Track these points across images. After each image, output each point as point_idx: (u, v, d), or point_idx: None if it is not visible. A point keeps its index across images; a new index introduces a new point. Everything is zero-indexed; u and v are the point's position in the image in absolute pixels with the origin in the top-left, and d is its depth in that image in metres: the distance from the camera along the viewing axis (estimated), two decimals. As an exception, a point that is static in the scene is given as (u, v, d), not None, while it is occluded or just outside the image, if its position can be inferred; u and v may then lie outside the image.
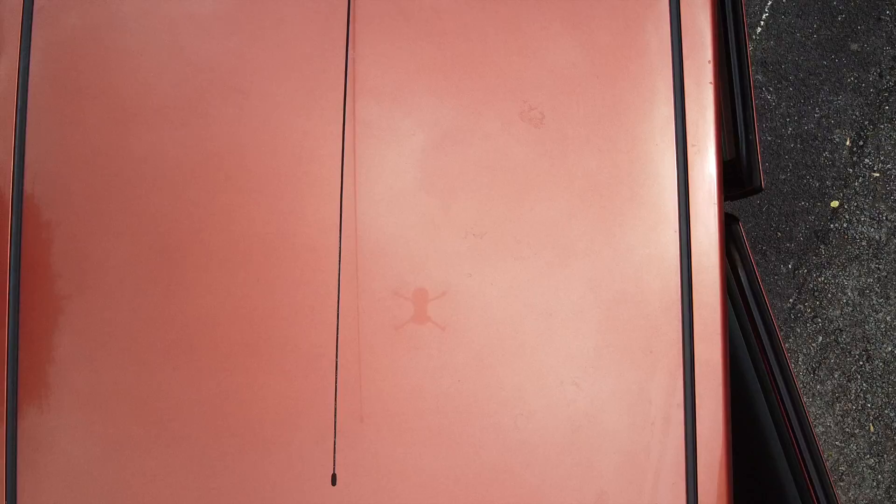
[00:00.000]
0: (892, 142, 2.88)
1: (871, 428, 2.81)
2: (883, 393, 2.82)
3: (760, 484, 1.51)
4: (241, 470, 1.15)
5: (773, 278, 2.84)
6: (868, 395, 2.82)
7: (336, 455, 1.11)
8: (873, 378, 2.82)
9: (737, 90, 1.45)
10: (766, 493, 1.46)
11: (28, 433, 1.20)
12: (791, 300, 2.84)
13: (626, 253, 1.26)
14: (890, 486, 2.81)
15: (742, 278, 1.48)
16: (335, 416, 1.13)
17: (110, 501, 1.18)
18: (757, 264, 2.80)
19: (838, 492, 2.53)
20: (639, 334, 1.26)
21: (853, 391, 2.83)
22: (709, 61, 1.29)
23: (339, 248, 1.20)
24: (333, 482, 1.09)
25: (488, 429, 1.20)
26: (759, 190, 1.50)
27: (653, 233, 1.27)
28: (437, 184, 1.24)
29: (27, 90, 1.23)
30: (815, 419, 2.83)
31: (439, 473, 1.18)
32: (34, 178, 1.23)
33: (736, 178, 1.53)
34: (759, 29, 2.87)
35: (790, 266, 2.88)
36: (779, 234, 2.89)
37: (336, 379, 1.15)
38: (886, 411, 2.82)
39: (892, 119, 2.89)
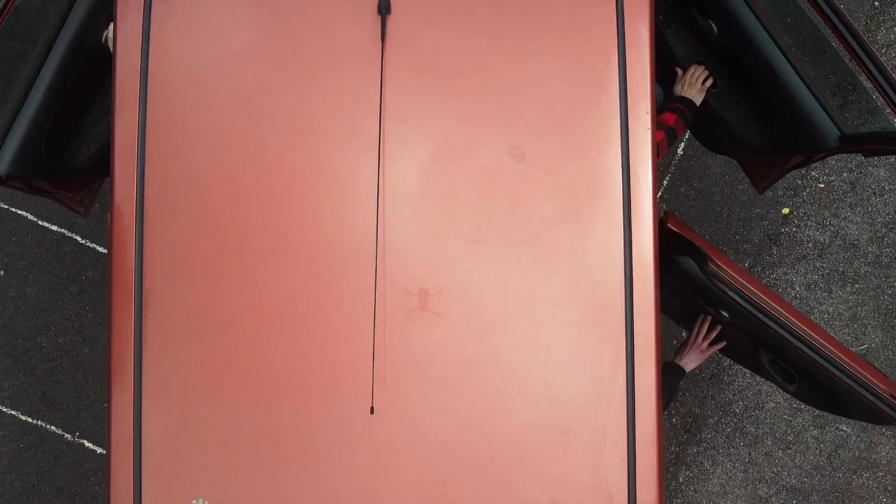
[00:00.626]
0: (835, 158, 3.33)
1: (815, 404, 3.26)
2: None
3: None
4: (308, 408, 1.62)
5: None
6: (813, 376, 3.26)
7: (374, 395, 1.59)
8: (817, 361, 3.26)
9: None
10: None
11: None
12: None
13: (586, 253, 1.71)
14: (831, 454, 3.26)
15: None
16: (373, 370, 1.60)
17: (205, 430, 1.64)
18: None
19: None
20: (594, 315, 1.71)
21: (800, 372, 3.27)
22: (647, 112, 1.74)
23: (376, 255, 1.66)
24: (371, 412, 1.57)
25: (478, 379, 1.66)
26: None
27: (606, 238, 1.71)
28: (443, 203, 1.69)
29: (145, 134, 1.69)
30: (766, 397, 3.28)
31: (442, 408, 1.65)
32: (151, 200, 1.68)
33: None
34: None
35: (747, 264, 3.32)
36: (737, 236, 3.34)
37: (374, 345, 1.62)
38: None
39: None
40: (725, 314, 2.13)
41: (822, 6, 1.90)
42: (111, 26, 1.86)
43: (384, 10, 1.70)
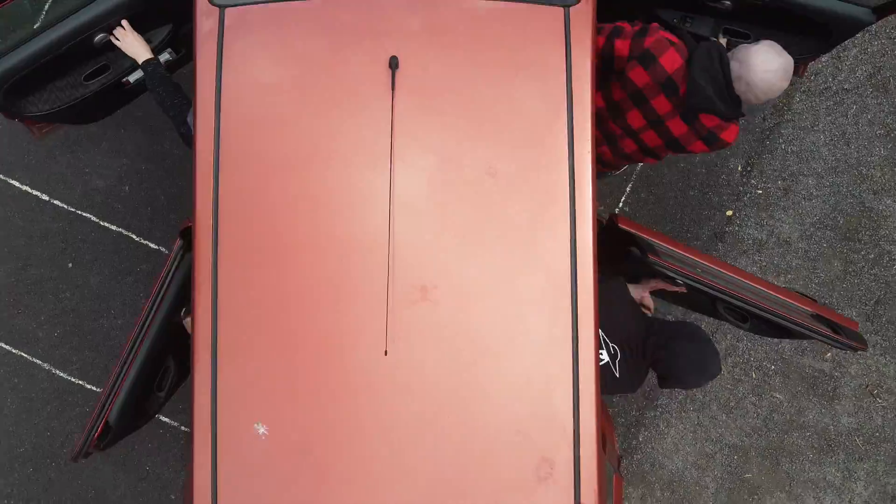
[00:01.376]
0: (771, 167, 3.93)
1: (753, 375, 3.87)
2: (763, 350, 3.87)
3: None
4: (343, 354, 2.25)
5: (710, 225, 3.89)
6: (751, 352, 3.88)
7: (387, 343, 2.22)
8: (755, 339, 3.87)
9: None
10: None
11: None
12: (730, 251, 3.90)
13: (542, 246, 2.32)
14: (766, 417, 3.87)
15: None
16: (386, 328, 2.23)
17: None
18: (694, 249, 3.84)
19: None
20: (549, 294, 2.32)
21: (741, 349, 3.88)
22: (588, 139, 2.36)
23: (389, 250, 2.28)
24: (385, 354, 2.22)
25: (462, 335, 2.28)
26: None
27: (556, 234, 2.32)
28: (438, 212, 2.31)
29: (219, 158, 2.31)
30: (713, 369, 3.89)
31: (436, 358, 2.26)
32: (224, 211, 2.30)
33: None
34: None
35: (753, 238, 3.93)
36: (689, 234, 3.95)
37: (387, 311, 2.24)
38: (765, 363, 3.87)
39: (771, 151, 3.94)
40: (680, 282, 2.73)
41: None
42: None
43: (394, 66, 2.32)
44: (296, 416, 2.29)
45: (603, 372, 2.55)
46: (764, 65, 2.47)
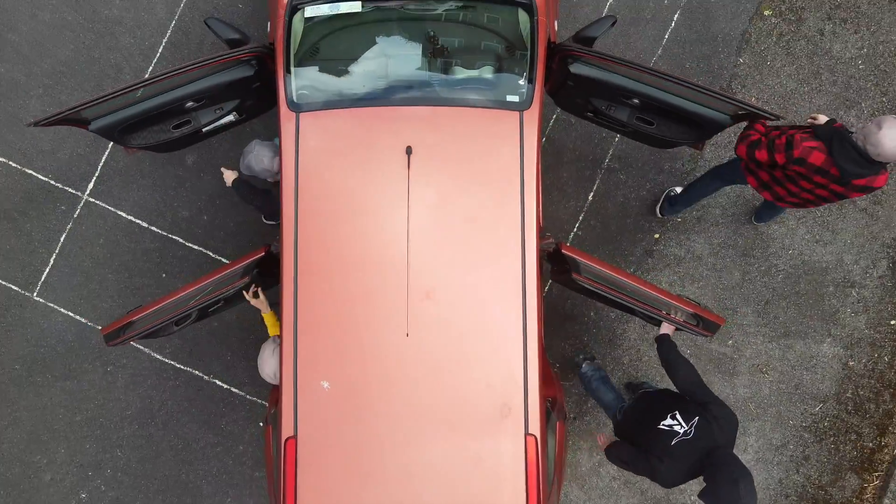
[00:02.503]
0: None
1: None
2: (681, 339, 5.17)
3: None
4: (376, 334, 3.56)
5: (636, 241, 5.19)
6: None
7: (408, 328, 3.54)
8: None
9: None
10: None
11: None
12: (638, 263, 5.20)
13: (505, 267, 3.64)
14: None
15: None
16: (407, 317, 3.56)
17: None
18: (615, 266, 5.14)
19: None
20: (508, 296, 3.63)
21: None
22: (535, 196, 3.67)
23: (406, 271, 3.60)
24: (407, 336, 3.54)
25: (452, 322, 3.59)
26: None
27: (513, 260, 3.64)
28: (438, 244, 3.62)
29: (298, 204, 3.63)
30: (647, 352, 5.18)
31: (437, 334, 3.58)
32: (301, 237, 3.62)
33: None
34: (616, 139, 5.22)
35: (632, 270, 5.23)
36: (626, 252, 5.25)
37: (407, 306, 3.57)
38: (682, 348, 5.16)
39: (696, 175, 5.24)
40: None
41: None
42: None
43: (409, 152, 3.64)
44: (347, 376, 3.62)
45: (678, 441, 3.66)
46: (886, 138, 3.61)
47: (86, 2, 5.18)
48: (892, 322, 5.18)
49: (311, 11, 4.00)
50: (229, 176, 4.29)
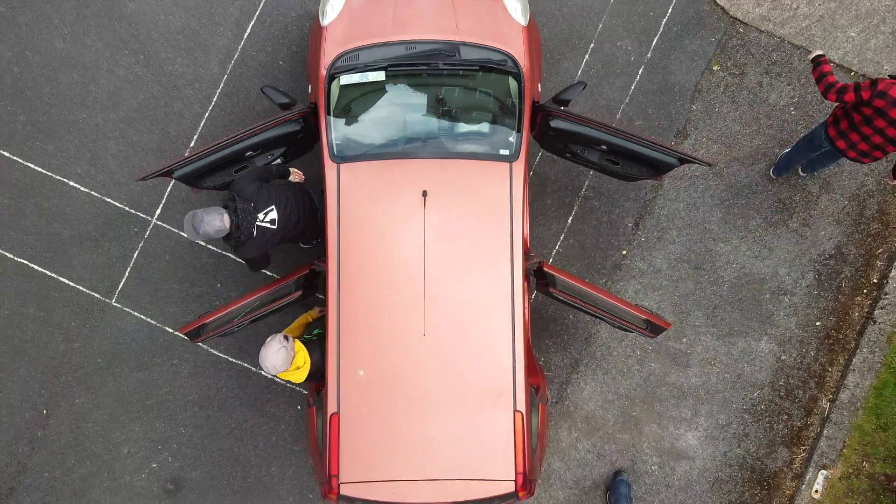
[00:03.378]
0: (651, 223, 6.34)
1: (638, 352, 6.29)
2: (643, 338, 6.28)
3: None
4: (399, 333, 4.69)
5: (607, 258, 6.33)
6: (637, 339, 6.29)
7: (425, 329, 4.67)
8: (639, 330, 6.28)
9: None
10: None
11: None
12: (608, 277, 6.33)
13: (498, 281, 4.76)
14: (646, 378, 6.29)
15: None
16: (424, 320, 4.69)
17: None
18: (587, 280, 6.27)
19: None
20: (500, 304, 4.75)
21: (630, 337, 6.30)
22: (520, 230, 4.78)
23: (423, 286, 4.72)
24: (424, 336, 4.66)
25: (459, 323, 4.72)
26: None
27: (504, 276, 4.77)
28: (447, 266, 4.75)
29: (340, 238, 4.75)
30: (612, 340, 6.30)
31: (448, 334, 4.71)
32: (342, 264, 4.74)
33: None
34: (591, 173, 6.33)
35: (604, 280, 6.35)
36: (599, 265, 6.36)
37: (424, 313, 4.70)
38: (645, 345, 6.28)
39: (650, 213, 6.36)
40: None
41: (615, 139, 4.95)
42: None
43: (425, 195, 4.76)
44: (377, 366, 4.74)
45: None
46: None
47: (153, 59, 6.29)
48: (818, 323, 6.31)
49: (345, 80, 5.12)
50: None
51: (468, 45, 5.15)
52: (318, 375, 4.83)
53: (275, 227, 4.74)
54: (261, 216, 4.67)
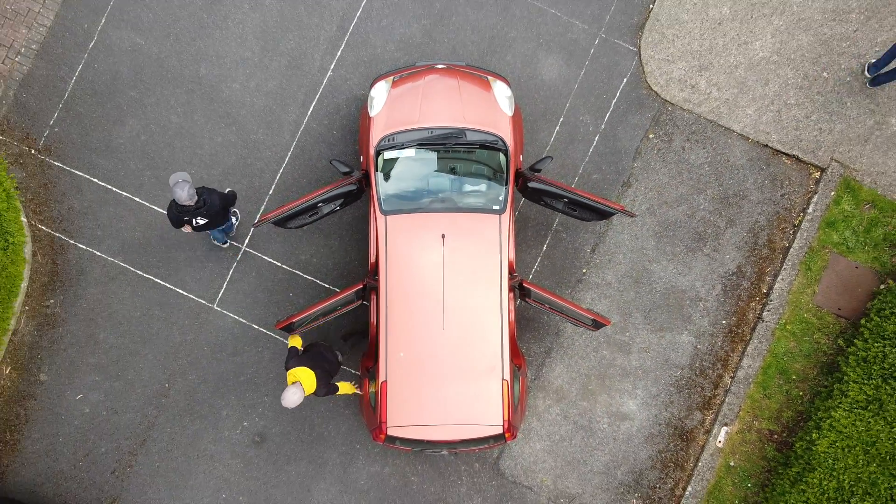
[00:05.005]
0: (605, 249, 8.76)
1: (592, 341, 8.71)
2: (592, 334, 8.70)
3: None
4: (426, 328, 7.13)
5: (572, 275, 8.75)
6: (589, 334, 8.72)
7: (444, 324, 7.12)
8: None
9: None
10: None
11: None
12: (572, 288, 8.76)
13: (492, 295, 7.18)
14: (599, 361, 8.72)
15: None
16: (443, 319, 7.13)
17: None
18: (556, 292, 8.70)
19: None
20: (492, 310, 7.18)
21: (586, 332, 8.73)
22: (507, 264, 7.20)
23: (443, 300, 7.15)
24: (443, 329, 7.09)
25: (465, 323, 7.16)
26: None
27: (494, 292, 7.19)
28: (458, 290, 7.18)
29: (387, 271, 7.17)
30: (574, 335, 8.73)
31: (458, 330, 7.16)
32: (389, 284, 7.17)
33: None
34: (559, 214, 8.74)
35: (569, 291, 8.77)
36: (565, 281, 8.78)
37: (444, 320, 7.14)
38: (600, 336, 8.71)
39: (603, 241, 8.78)
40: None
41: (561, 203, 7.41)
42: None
43: (444, 237, 7.19)
44: (413, 349, 7.17)
45: None
46: None
47: (242, 130, 8.70)
48: (723, 322, 8.73)
49: (387, 154, 7.55)
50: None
51: (472, 130, 7.58)
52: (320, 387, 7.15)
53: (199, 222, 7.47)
54: (197, 220, 7.40)
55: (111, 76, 8.73)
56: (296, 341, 7.34)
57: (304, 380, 6.90)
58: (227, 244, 8.64)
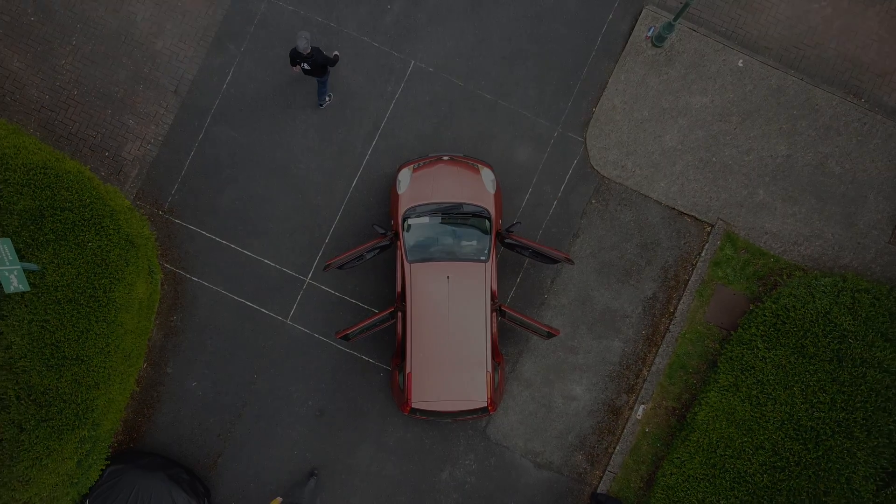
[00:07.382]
0: (560, 281, 12.49)
1: (559, 342, 12.47)
2: (560, 340, 12.45)
3: None
4: (435, 319, 10.96)
5: (537, 299, 12.49)
6: (558, 340, 12.47)
7: (448, 333, 10.91)
8: (565, 330, 12.46)
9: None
10: None
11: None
12: (537, 308, 12.50)
13: (480, 312, 10.95)
14: (565, 356, 12.48)
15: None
16: (448, 330, 10.92)
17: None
18: (525, 312, 12.45)
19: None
20: (480, 322, 10.95)
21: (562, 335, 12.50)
22: (492, 294, 10.93)
23: (448, 316, 10.91)
24: (448, 336, 10.88)
25: (462, 330, 10.97)
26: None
27: (480, 308, 10.95)
28: (459, 306, 10.91)
29: (412, 297, 10.93)
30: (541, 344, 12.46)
31: (460, 317, 11.04)
32: (413, 309, 10.94)
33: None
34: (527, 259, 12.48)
35: (534, 310, 12.50)
36: (532, 303, 12.51)
37: (448, 327, 10.92)
38: (566, 340, 12.46)
39: (560, 276, 12.52)
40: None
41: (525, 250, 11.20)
42: None
43: (448, 278, 10.96)
44: (428, 350, 10.93)
45: None
46: None
47: (305, 197, 12.43)
48: (643, 332, 12.48)
49: (410, 221, 11.33)
50: None
51: (467, 204, 11.36)
52: None
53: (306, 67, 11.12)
54: (305, 66, 11.13)
55: (214, 159, 12.46)
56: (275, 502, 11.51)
57: None
58: (324, 106, 12.28)
